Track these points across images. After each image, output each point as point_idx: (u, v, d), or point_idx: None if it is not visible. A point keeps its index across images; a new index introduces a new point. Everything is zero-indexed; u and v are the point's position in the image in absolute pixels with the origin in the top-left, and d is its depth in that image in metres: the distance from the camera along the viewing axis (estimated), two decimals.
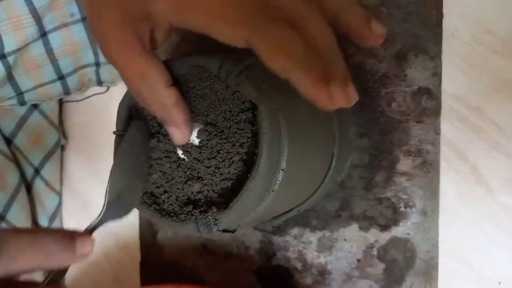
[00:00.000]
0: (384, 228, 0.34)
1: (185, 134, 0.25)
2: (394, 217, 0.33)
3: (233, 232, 0.26)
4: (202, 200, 0.26)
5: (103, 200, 0.25)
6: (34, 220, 0.43)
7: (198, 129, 0.26)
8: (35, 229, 0.21)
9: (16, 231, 0.21)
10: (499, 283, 0.31)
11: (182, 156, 0.26)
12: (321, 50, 0.20)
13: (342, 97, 0.20)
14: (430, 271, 0.33)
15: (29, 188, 0.43)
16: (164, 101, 0.25)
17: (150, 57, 0.24)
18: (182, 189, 0.27)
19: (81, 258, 0.22)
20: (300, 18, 0.21)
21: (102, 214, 0.24)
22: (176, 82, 0.27)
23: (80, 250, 0.22)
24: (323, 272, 0.36)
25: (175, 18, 0.22)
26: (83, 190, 0.46)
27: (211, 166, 0.26)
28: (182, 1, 0.21)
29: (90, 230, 0.24)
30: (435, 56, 0.32)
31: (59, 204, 0.46)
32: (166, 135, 0.27)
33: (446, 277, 0.32)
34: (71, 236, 0.22)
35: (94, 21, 0.25)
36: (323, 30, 0.21)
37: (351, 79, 0.21)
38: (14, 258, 0.20)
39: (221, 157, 0.25)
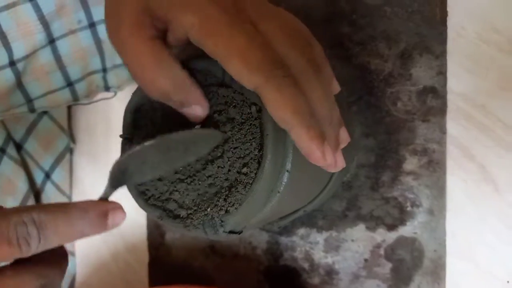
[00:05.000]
0: (391, 227, 0.34)
1: (206, 107, 0.25)
2: (401, 216, 0.33)
3: (239, 233, 0.26)
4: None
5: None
6: None
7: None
8: (69, 208, 0.22)
9: (53, 212, 0.22)
10: (508, 281, 0.31)
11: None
12: (320, 115, 0.23)
13: (332, 159, 0.23)
14: (438, 270, 0.33)
15: (39, 194, 0.43)
16: (183, 81, 0.24)
17: (163, 43, 0.24)
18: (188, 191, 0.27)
19: (112, 229, 0.24)
20: (306, 82, 0.23)
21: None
22: None
23: (111, 224, 0.24)
24: (330, 272, 0.36)
25: (195, 37, 0.22)
26: (91, 193, 0.47)
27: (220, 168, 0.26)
28: (210, 25, 0.22)
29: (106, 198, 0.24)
30: (440, 55, 0.32)
31: None
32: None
33: (454, 276, 0.32)
34: (104, 215, 0.23)
35: (112, 4, 0.25)
36: (325, 97, 0.23)
37: (340, 148, 0.25)
38: (48, 241, 0.21)
39: (230, 160, 0.26)
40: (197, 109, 0.25)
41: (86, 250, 0.47)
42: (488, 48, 0.31)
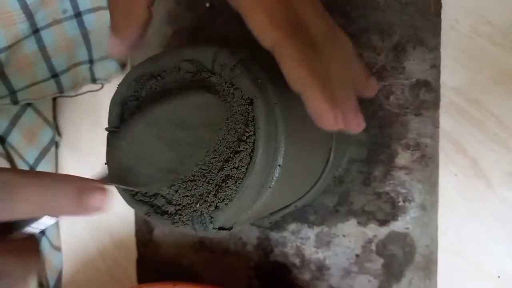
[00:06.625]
0: (383, 223, 0.33)
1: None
2: (393, 211, 0.33)
3: (229, 230, 0.25)
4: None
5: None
6: None
7: None
8: (44, 176, 0.19)
9: (26, 176, 0.19)
10: (499, 277, 0.31)
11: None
12: (338, 82, 0.22)
13: (342, 123, 0.21)
14: (430, 265, 0.32)
15: None
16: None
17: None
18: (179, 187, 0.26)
19: (92, 213, 0.21)
20: (327, 47, 0.22)
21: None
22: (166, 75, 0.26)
23: (87, 205, 0.20)
24: (321, 268, 0.35)
25: None
26: None
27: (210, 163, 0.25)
28: None
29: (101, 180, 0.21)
30: (434, 48, 0.31)
31: None
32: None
33: (446, 272, 0.32)
34: (79, 192, 0.20)
35: None
36: (344, 64, 0.23)
37: (360, 110, 0.23)
38: (16, 207, 0.19)
39: (220, 154, 0.25)
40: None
41: (73, 246, 0.46)
42: (482, 41, 0.30)
